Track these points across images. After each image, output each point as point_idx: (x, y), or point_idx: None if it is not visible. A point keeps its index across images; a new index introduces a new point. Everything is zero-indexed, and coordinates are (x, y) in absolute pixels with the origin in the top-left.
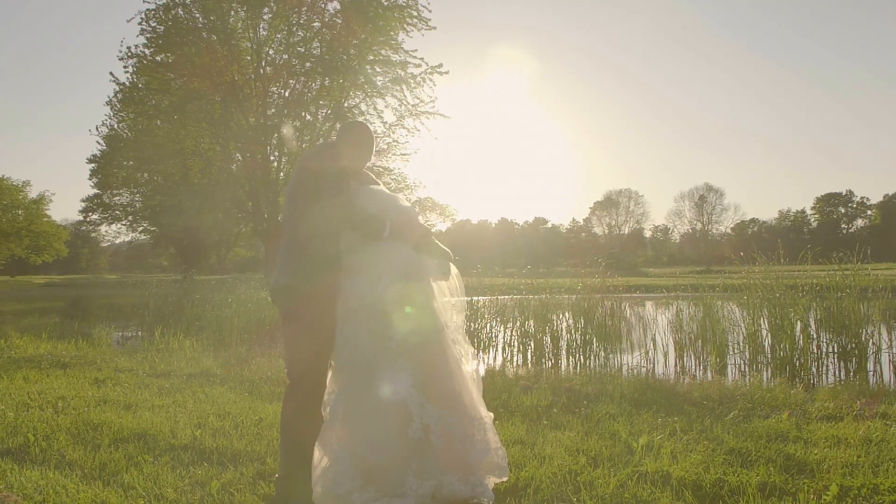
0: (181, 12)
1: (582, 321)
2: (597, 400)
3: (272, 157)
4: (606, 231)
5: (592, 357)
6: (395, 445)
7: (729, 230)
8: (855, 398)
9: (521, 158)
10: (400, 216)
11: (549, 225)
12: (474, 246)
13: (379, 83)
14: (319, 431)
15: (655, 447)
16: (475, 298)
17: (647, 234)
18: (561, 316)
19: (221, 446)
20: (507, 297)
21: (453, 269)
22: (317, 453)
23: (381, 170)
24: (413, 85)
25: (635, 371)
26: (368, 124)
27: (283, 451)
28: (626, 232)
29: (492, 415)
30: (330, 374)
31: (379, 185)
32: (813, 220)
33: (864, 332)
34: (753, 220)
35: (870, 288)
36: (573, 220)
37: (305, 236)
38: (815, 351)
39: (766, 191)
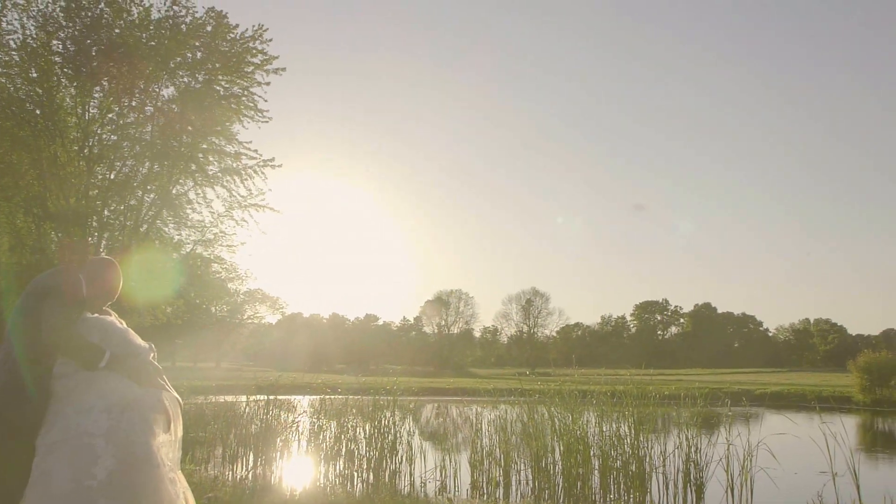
0: (4, 80)
1: (377, 429)
2: None
3: (91, 240)
4: (436, 330)
5: (386, 471)
6: None
7: (554, 333)
8: None
9: (356, 254)
10: (126, 348)
11: (381, 322)
12: (305, 340)
13: (210, 172)
14: None
15: None
16: (285, 397)
17: (477, 334)
18: (357, 426)
19: None
20: (316, 397)
21: (175, 406)
22: None
23: (210, 258)
24: (245, 176)
25: (425, 487)
26: (117, 265)
27: None
28: (456, 332)
29: None
30: None
31: (115, 320)
32: (632, 325)
33: (643, 447)
34: (578, 325)
35: (658, 395)
36: (404, 318)
37: (17, 355)
38: (600, 466)
39: (590, 296)
